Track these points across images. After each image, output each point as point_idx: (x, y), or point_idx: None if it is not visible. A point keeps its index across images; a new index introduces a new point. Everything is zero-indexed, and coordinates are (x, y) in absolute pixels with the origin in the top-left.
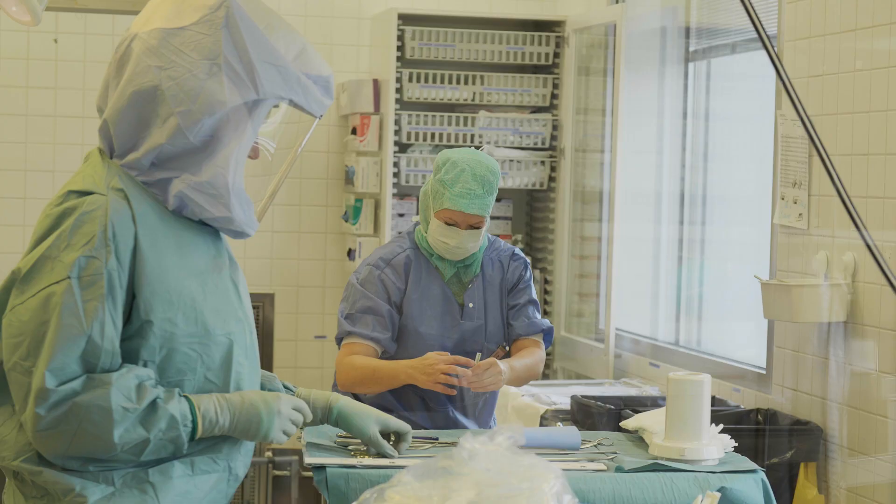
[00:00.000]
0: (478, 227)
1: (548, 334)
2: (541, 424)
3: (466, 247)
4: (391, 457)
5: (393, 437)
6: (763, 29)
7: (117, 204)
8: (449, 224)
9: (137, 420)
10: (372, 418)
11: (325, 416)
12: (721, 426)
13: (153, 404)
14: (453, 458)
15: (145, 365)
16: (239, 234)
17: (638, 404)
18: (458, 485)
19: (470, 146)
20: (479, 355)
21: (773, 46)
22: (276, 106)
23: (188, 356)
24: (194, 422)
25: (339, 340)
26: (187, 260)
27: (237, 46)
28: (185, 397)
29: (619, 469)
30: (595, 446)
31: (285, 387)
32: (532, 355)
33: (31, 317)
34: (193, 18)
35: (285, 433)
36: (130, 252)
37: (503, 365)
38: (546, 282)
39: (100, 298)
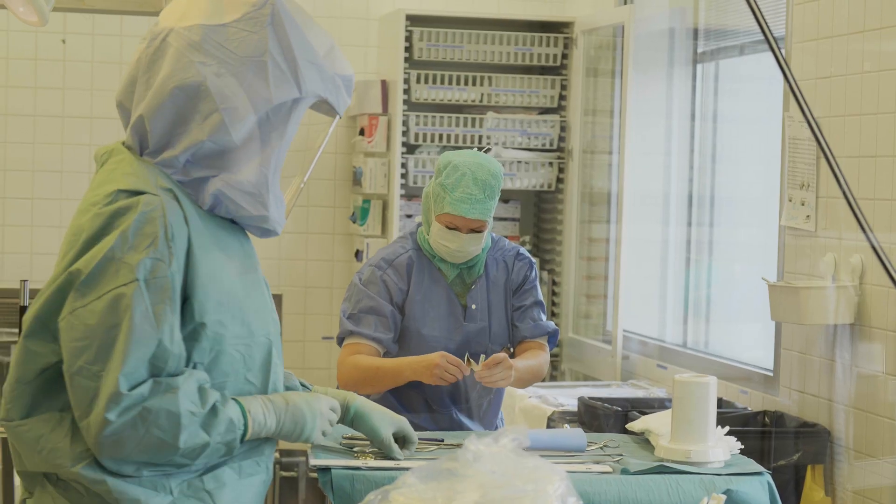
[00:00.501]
0: (479, 231)
1: (552, 337)
2: (548, 426)
3: (468, 250)
4: (397, 460)
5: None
6: (769, 31)
7: (170, 204)
8: (450, 228)
9: (200, 424)
10: (387, 420)
11: (341, 415)
12: (727, 428)
13: (214, 408)
14: (458, 459)
15: (195, 367)
16: (268, 233)
17: (645, 406)
18: (463, 486)
19: (477, 147)
20: (482, 357)
21: (779, 48)
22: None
23: (233, 358)
24: (245, 425)
25: (340, 340)
26: (229, 260)
27: (281, 44)
28: (235, 400)
29: (624, 471)
30: (601, 448)
31: (301, 384)
32: (536, 357)
33: (99, 320)
34: (236, 15)
35: (323, 433)
36: (185, 253)
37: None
38: (554, 283)
39: (167, 301)
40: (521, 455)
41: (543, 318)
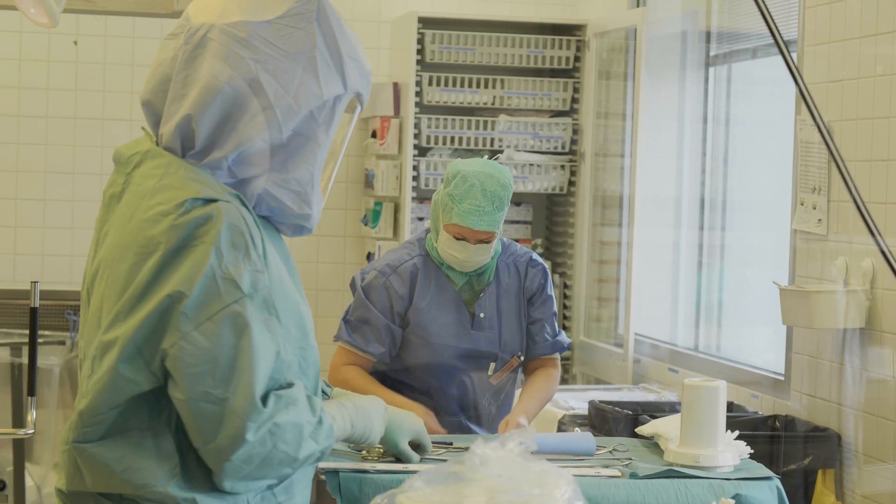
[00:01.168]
0: (488, 242)
1: (564, 349)
2: (558, 430)
3: (476, 260)
4: (409, 462)
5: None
6: (779, 34)
7: (243, 210)
8: (458, 238)
9: (312, 434)
10: (405, 430)
11: None
12: (736, 433)
13: (320, 417)
14: (465, 463)
15: None
16: (303, 231)
17: (656, 410)
18: (470, 490)
19: (490, 150)
20: (492, 366)
21: (790, 52)
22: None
23: (293, 363)
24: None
25: (336, 338)
26: (281, 263)
27: (327, 40)
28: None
29: (633, 475)
30: (610, 452)
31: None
32: (546, 380)
33: (215, 342)
34: (280, 11)
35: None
36: (264, 259)
37: (524, 420)
38: (565, 286)
39: (272, 311)
40: (529, 459)
41: (558, 330)
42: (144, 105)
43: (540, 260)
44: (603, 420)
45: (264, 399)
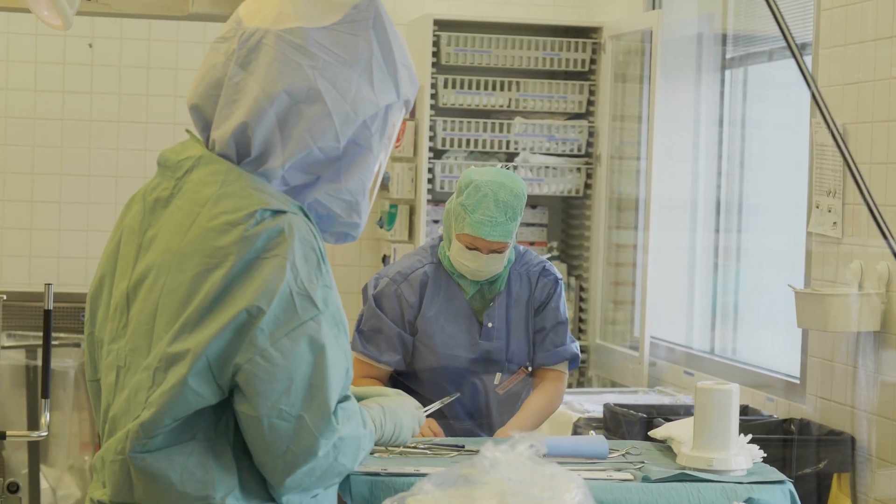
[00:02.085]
0: (500, 252)
1: (573, 360)
2: (573, 433)
3: (488, 269)
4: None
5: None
6: (792, 37)
7: (309, 223)
8: (470, 248)
9: (363, 444)
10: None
11: None
12: (749, 436)
13: (371, 427)
14: (474, 466)
15: None
16: (347, 239)
17: (671, 413)
18: (480, 494)
19: (505, 153)
20: (499, 375)
21: (802, 55)
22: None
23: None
24: None
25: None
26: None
27: (383, 47)
28: None
29: (645, 479)
30: (623, 455)
31: None
32: (546, 394)
33: (293, 359)
34: (336, 17)
35: (413, 434)
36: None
37: (515, 434)
38: (581, 289)
39: (342, 328)
40: (539, 462)
41: (567, 339)
42: (192, 109)
43: (553, 270)
44: (617, 423)
45: (335, 415)
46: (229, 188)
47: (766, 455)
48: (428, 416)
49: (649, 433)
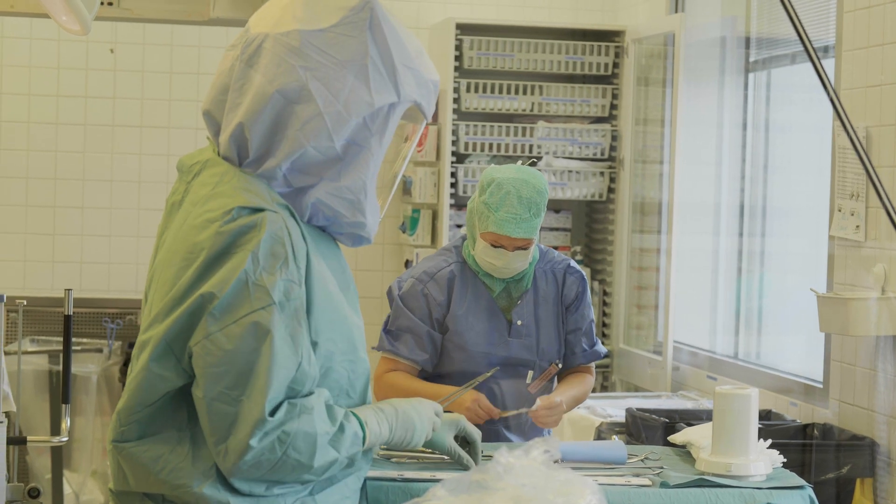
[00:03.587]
0: (525, 248)
1: (600, 358)
2: (596, 437)
3: (514, 266)
4: (468, 467)
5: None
6: (809, 40)
7: (290, 222)
8: (495, 246)
9: (330, 442)
10: (446, 425)
11: None
12: (769, 441)
13: (341, 425)
14: (488, 472)
15: None
16: (361, 241)
17: (693, 418)
18: (493, 500)
19: (528, 157)
20: (530, 374)
21: (818, 58)
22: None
23: (341, 375)
24: (364, 437)
25: (377, 348)
26: (333, 275)
27: (380, 48)
28: (352, 412)
29: (664, 484)
30: (642, 461)
31: None
32: (582, 384)
33: (237, 345)
34: (334, 20)
35: (427, 437)
36: (305, 272)
37: (559, 399)
38: (605, 293)
39: (301, 323)
40: (553, 468)
41: (595, 339)
42: (205, 115)
43: (578, 267)
44: (639, 428)
45: (277, 407)
46: (220, 189)
47: (785, 460)
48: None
49: (669, 438)
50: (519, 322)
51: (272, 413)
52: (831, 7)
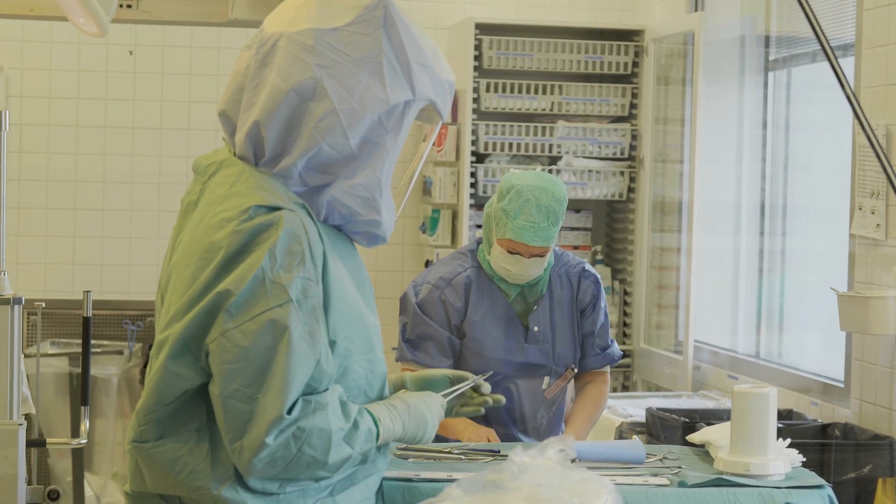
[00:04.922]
0: (542, 256)
1: (615, 361)
2: (617, 437)
3: (529, 273)
4: (487, 403)
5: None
6: (826, 39)
7: (307, 220)
8: (511, 252)
9: (344, 439)
10: (438, 379)
11: (398, 389)
12: (788, 440)
13: (355, 421)
14: (503, 472)
15: None
16: (377, 240)
17: (713, 417)
18: (508, 499)
19: (548, 156)
20: (546, 379)
21: (836, 57)
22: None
23: (358, 374)
24: (377, 433)
25: (397, 357)
26: (350, 274)
27: (394, 46)
28: (366, 409)
29: (682, 484)
30: (660, 460)
31: None
32: (595, 402)
33: (254, 342)
34: (348, 18)
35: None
36: (322, 270)
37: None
38: (625, 293)
39: (319, 320)
40: (568, 467)
41: (610, 341)
42: (221, 115)
43: (592, 270)
44: (661, 427)
45: (294, 404)
46: (237, 188)
47: (805, 459)
48: (476, 421)
49: (687, 437)
50: (535, 328)
51: (289, 411)
52: (850, 5)
